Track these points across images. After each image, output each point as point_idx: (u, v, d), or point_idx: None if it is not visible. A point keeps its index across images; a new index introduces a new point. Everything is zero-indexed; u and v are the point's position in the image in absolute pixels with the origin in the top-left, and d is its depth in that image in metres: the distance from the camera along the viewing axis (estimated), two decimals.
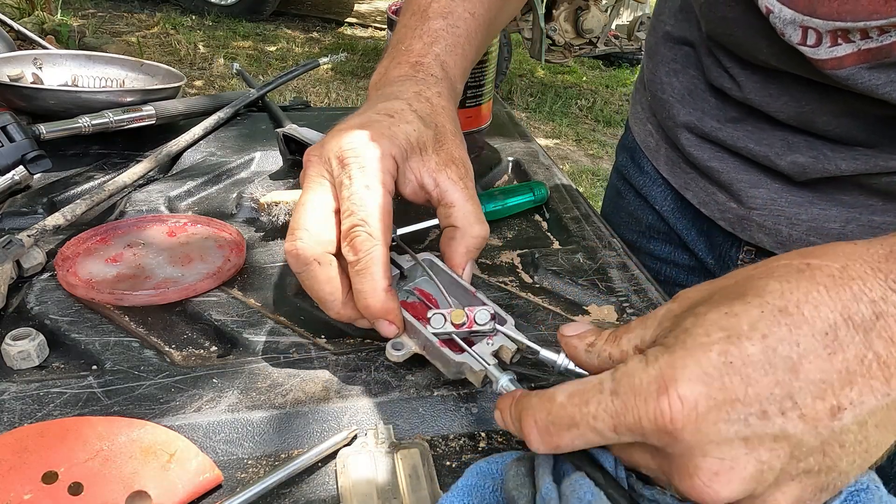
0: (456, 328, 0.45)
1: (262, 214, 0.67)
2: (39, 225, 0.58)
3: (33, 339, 0.48)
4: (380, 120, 0.49)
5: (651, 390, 0.30)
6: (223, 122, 0.87)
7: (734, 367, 0.30)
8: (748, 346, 0.30)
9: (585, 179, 3.44)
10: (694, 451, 0.30)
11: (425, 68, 0.56)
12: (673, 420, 0.30)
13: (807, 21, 0.50)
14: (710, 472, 0.30)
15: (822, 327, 0.29)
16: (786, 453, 0.30)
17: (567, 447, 0.34)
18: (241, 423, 0.44)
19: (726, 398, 0.30)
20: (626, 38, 4.32)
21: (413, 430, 0.45)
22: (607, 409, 0.32)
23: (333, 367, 0.49)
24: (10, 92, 0.79)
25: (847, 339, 0.29)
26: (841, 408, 0.29)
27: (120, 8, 5.00)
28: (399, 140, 0.48)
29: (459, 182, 0.50)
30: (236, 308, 0.55)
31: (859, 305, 0.30)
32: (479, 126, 0.92)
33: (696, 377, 0.30)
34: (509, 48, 4.16)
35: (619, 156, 0.85)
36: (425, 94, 0.53)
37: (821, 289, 0.30)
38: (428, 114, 0.51)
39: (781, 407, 0.29)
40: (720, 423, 0.30)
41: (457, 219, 0.50)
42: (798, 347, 0.29)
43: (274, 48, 4.59)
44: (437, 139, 0.51)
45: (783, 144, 0.61)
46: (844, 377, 0.29)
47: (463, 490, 0.37)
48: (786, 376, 0.29)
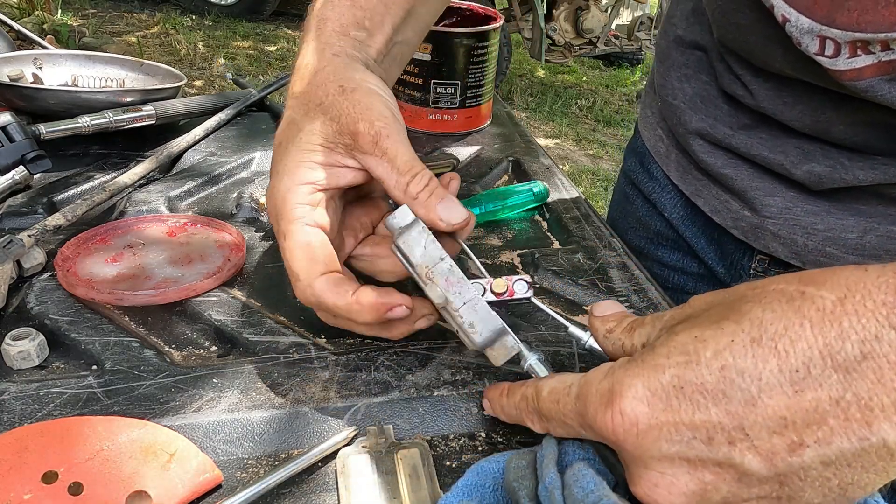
0: (497, 297, 0.44)
1: (262, 214, 0.67)
2: (39, 225, 0.58)
3: (33, 339, 0.48)
4: (276, 156, 0.48)
5: (601, 402, 0.33)
6: (224, 123, 0.87)
7: (684, 393, 0.30)
8: (705, 374, 0.30)
9: (585, 179, 3.44)
10: (637, 462, 0.32)
11: (302, 37, 0.52)
12: (615, 432, 0.32)
13: (825, 31, 0.48)
14: (650, 484, 0.32)
15: (794, 364, 0.28)
16: (732, 478, 0.30)
17: (556, 434, 0.37)
18: (241, 423, 0.44)
19: (669, 420, 0.30)
20: (626, 38, 4.32)
21: (413, 430, 0.45)
22: (573, 410, 0.35)
23: (333, 367, 0.49)
24: (10, 92, 0.79)
25: (821, 379, 0.28)
26: (802, 444, 0.28)
27: (120, 8, 5.00)
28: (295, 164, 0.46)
29: (375, 151, 0.45)
30: (236, 308, 0.55)
31: (844, 344, 0.28)
32: (479, 126, 0.92)
33: (640, 396, 0.31)
34: (509, 48, 4.16)
35: (628, 160, 0.83)
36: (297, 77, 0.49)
37: (805, 323, 0.29)
38: (308, 102, 0.47)
39: (730, 437, 0.29)
40: (661, 442, 0.31)
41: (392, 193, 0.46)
42: (760, 382, 0.29)
43: (274, 48, 4.59)
44: (330, 120, 0.46)
45: (798, 153, 0.59)
46: (811, 416, 0.28)
47: (464, 489, 0.37)
48: (740, 408, 0.29)
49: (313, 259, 0.45)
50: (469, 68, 0.85)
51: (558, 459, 0.36)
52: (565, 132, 4.06)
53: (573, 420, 0.35)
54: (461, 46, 0.84)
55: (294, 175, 0.46)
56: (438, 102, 0.87)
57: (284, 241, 0.45)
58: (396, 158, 0.45)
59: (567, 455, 0.36)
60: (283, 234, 0.45)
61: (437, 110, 0.88)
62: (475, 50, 0.85)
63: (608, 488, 0.32)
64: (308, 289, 0.44)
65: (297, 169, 0.46)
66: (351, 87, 0.47)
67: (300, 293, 0.45)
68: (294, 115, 0.48)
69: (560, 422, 0.36)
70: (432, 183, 0.46)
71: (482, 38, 0.85)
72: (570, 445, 0.37)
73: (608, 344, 0.40)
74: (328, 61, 0.49)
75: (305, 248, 0.45)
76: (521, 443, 0.45)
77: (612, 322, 0.40)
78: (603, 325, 0.41)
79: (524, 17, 4.00)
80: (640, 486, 0.32)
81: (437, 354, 0.51)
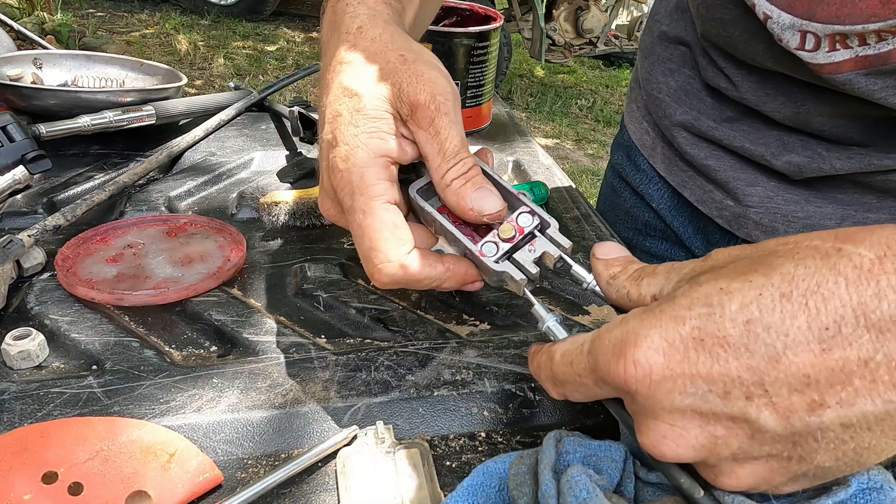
0: (510, 242, 0.44)
1: (262, 214, 0.67)
2: (39, 225, 0.58)
3: (33, 339, 0.48)
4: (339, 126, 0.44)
5: (614, 352, 0.32)
6: (224, 123, 0.87)
7: (704, 345, 0.29)
8: (728, 327, 0.29)
9: (585, 179, 3.43)
10: (647, 412, 0.31)
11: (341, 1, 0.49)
12: (627, 382, 0.31)
13: (805, 25, 0.50)
14: (658, 435, 0.31)
15: (824, 321, 0.27)
16: (745, 434, 0.29)
17: (573, 398, 0.37)
18: (241, 423, 0.44)
19: (685, 371, 0.29)
20: (626, 38, 4.32)
21: (413, 430, 0.45)
22: (586, 368, 0.34)
23: (333, 367, 0.49)
24: (10, 92, 0.79)
25: (852, 338, 0.27)
26: (823, 405, 0.28)
27: (120, 8, 5.00)
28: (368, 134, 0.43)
29: (429, 128, 0.44)
30: (236, 308, 0.55)
31: (881, 303, 0.27)
32: (479, 126, 0.92)
33: (656, 347, 0.30)
34: (509, 48, 4.16)
35: (615, 154, 0.85)
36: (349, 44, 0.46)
37: (840, 280, 0.28)
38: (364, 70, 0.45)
39: (748, 392, 0.29)
40: (674, 394, 0.30)
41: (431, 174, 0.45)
42: (786, 338, 0.28)
43: (273, 48, 4.58)
44: (392, 85, 0.44)
45: (779, 144, 0.61)
46: (836, 375, 0.27)
47: (469, 490, 0.37)
48: (762, 363, 0.28)
49: (401, 239, 0.43)
50: (469, 68, 0.85)
51: (558, 460, 0.36)
52: (565, 132, 4.05)
53: (587, 378, 0.34)
54: (461, 46, 0.84)
55: (369, 147, 0.43)
56: None
57: (364, 219, 0.42)
58: (446, 142, 0.44)
59: (567, 455, 0.36)
60: (361, 210, 0.42)
61: None
62: (475, 50, 0.85)
63: (601, 496, 0.32)
64: (399, 268, 0.42)
65: (370, 140, 0.43)
66: (412, 57, 0.45)
67: (386, 271, 0.42)
68: (349, 82, 0.45)
69: (574, 383, 0.35)
70: (471, 171, 0.44)
71: (482, 38, 0.85)
72: (570, 444, 0.37)
73: (611, 291, 0.38)
74: (383, 28, 0.47)
75: (392, 228, 0.43)
76: (521, 443, 0.45)
77: (617, 267, 0.39)
78: (606, 270, 0.39)
79: (524, 17, 4.00)
80: (647, 436, 0.31)
81: (437, 354, 0.51)
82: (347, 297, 0.57)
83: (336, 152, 0.43)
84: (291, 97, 1.04)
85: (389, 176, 0.44)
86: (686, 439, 0.30)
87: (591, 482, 0.33)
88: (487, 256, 0.43)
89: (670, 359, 0.30)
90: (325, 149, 0.45)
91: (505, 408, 0.47)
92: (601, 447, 0.37)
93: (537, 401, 0.48)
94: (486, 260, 0.43)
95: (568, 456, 0.36)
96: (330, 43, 0.48)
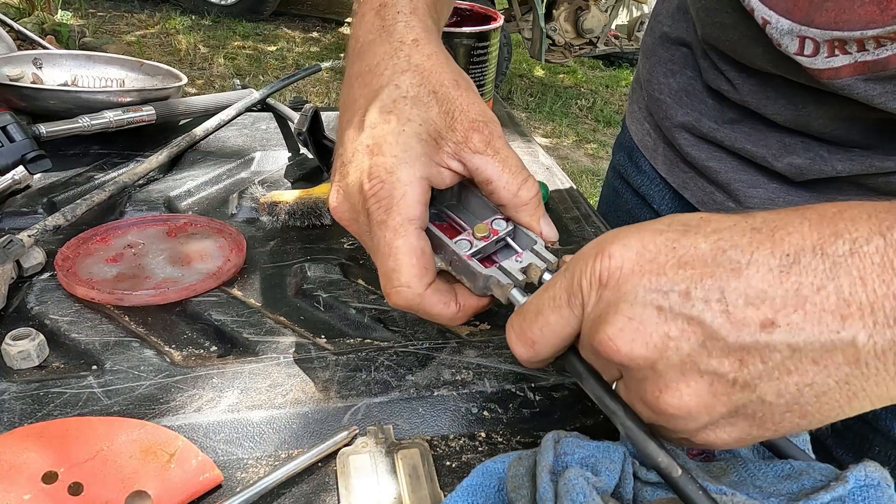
0: (484, 241, 0.44)
1: (262, 214, 0.67)
2: (39, 225, 0.58)
3: (33, 339, 0.48)
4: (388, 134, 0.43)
5: (591, 253, 0.33)
6: (224, 123, 0.87)
7: (675, 252, 0.31)
8: (699, 241, 0.31)
9: (585, 179, 3.43)
10: (610, 306, 0.32)
11: (390, 7, 0.48)
12: (600, 275, 0.33)
13: (804, 31, 0.50)
14: (616, 328, 0.32)
15: (785, 249, 0.30)
16: (696, 339, 0.30)
17: (541, 344, 0.36)
18: (241, 423, 0.44)
19: (653, 269, 0.31)
20: (626, 38, 4.32)
21: (413, 430, 0.45)
22: (562, 286, 0.35)
23: (333, 367, 0.49)
24: (10, 92, 0.79)
25: (809, 266, 0.29)
26: (774, 323, 0.29)
27: (120, 8, 5.00)
28: (416, 151, 0.42)
29: (487, 150, 0.44)
30: (236, 308, 0.55)
31: (836, 241, 0.29)
32: None
33: (631, 246, 0.32)
34: (509, 48, 4.16)
35: (616, 155, 0.85)
36: (404, 53, 0.46)
37: (804, 221, 0.30)
38: (421, 84, 0.44)
39: (707, 296, 0.30)
40: (639, 288, 0.31)
41: (500, 195, 0.45)
42: (750, 256, 0.30)
43: (273, 48, 4.58)
44: (444, 112, 0.44)
45: (780, 146, 0.61)
46: (791, 297, 0.29)
47: (468, 490, 0.37)
48: (724, 273, 0.30)
49: (426, 268, 0.42)
50: (469, 68, 0.85)
51: (556, 462, 0.36)
52: (565, 132, 4.05)
53: (562, 297, 0.35)
54: (461, 46, 0.84)
55: (415, 167, 0.42)
56: None
57: (395, 239, 0.41)
58: (509, 159, 0.44)
59: (565, 456, 0.36)
60: (393, 230, 0.41)
61: None
62: (475, 50, 0.85)
63: (598, 500, 0.32)
64: (417, 297, 0.41)
65: (418, 160, 0.42)
66: (465, 84, 0.45)
67: (404, 296, 0.41)
68: (405, 94, 0.44)
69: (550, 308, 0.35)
70: (539, 194, 0.45)
71: (482, 38, 0.85)
72: (568, 445, 0.37)
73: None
74: (437, 46, 0.46)
75: (420, 256, 0.41)
76: (521, 443, 0.45)
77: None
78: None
79: (524, 17, 4.00)
80: (604, 330, 0.32)
81: (437, 354, 0.51)
82: (347, 297, 0.57)
83: (380, 161, 0.42)
84: (291, 97, 1.04)
85: (426, 200, 0.43)
86: (641, 334, 0.31)
87: (588, 485, 0.33)
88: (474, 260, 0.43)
89: (642, 257, 0.32)
90: (363, 151, 0.43)
91: (505, 408, 0.47)
92: (599, 448, 0.37)
93: (537, 401, 0.48)
94: (474, 264, 0.43)
95: (566, 457, 0.36)
96: (377, 45, 0.47)
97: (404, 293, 0.41)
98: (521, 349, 0.37)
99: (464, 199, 0.48)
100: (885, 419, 0.59)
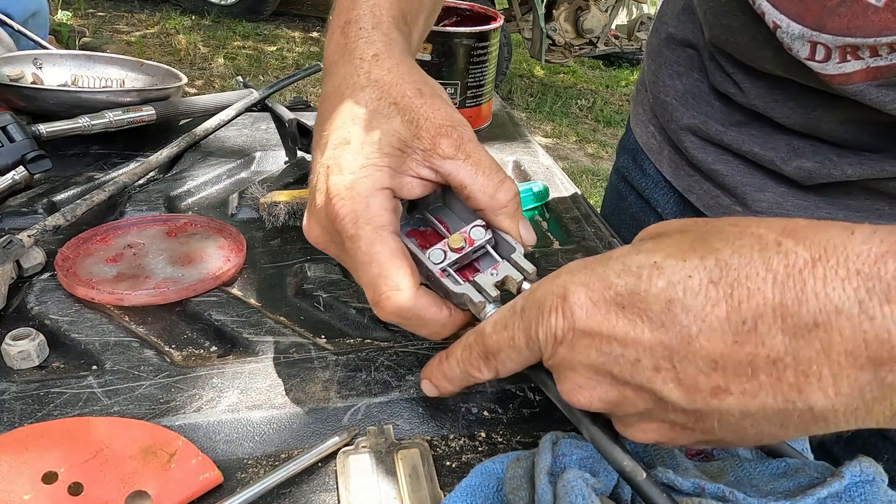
0: (458, 252, 0.43)
1: (262, 214, 0.67)
2: (39, 225, 0.58)
3: (33, 339, 0.48)
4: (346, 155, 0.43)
5: (545, 306, 0.33)
6: (224, 123, 0.87)
7: (624, 312, 0.31)
8: (650, 302, 0.30)
9: (585, 179, 3.43)
10: (566, 363, 0.34)
11: (353, 24, 0.48)
12: (555, 333, 0.33)
13: (815, 36, 0.49)
14: (574, 385, 0.34)
15: (743, 315, 0.28)
16: (651, 400, 0.31)
17: (506, 371, 0.38)
18: (241, 423, 0.44)
19: (602, 331, 0.31)
20: (626, 38, 4.32)
21: (413, 430, 0.45)
22: (519, 327, 0.35)
23: (333, 367, 0.49)
24: (10, 92, 0.79)
25: (767, 336, 0.27)
26: (727, 391, 0.29)
27: (120, 8, 5.00)
28: (375, 164, 0.42)
29: (458, 154, 0.43)
30: (236, 308, 0.55)
31: (801, 308, 0.27)
32: (479, 126, 0.92)
33: (581, 303, 0.32)
34: (509, 48, 4.16)
35: (620, 157, 0.84)
36: (363, 70, 0.45)
37: (769, 276, 0.28)
38: (381, 98, 0.44)
39: (656, 364, 0.30)
40: (591, 350, 0.32)
41: (476, 199, 0.44)
42: (703, 323, 0.29)
43: (273, 48, 4.58)
44: (408, 122, 0.43)
45: (789, 149, 0.60)
46: (743, 368, 0.28)
47: (467, 490, 0.37)
48: (674, 341, 0.29)
49: (411, 269, 0.41)
50: (469, 68, 0.85)
51: (555, 463, 0.36)
52: (565, 132, 4.05)
53: (520, 339, 0.35)
54: (461, 46, 0.84)
55: (375, 178, 0.42)
56: None
57: (373, 247, 0.41)
58: (482, 162, 0.43)
59: (564, 458, 0.36)
60: (368, 239, 0.41)
61: None
62: (475, 50, 0.85)
63: (597, 501, 0.32)
64: (409, 300, 0.40)
65: (377, 172, 0.42)
66: (428, 91, 0.45)
67: (395, 304, 0.40)
68: (362, 112, 0.44)
69: (508, 348, 0.36)
70: (517, 197, 0.44)
71: (482, 38, 0.85)
72: (566, 447, 0.37)
73: None
74: (399, 58, 0.46)
75: (403, 258, 0.41)
76: (521, 443, 0.45)
77: None
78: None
79: (524, 17, 4.00)
80: (565, 384, 0.34)
81: None
82: (347, 297, 0.57)
83: (338, 180, 0.42)
84: (292, 97, 1.04)
85: (395, 208, 0.43)
86: (597, 393, 0.33)
87: (587, 487, 0.33)
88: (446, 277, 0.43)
89: (591, 317, 0.32)
90: (323, 174, 0.43)
91: (505, 408, 0.47)
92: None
93: (537, 401, 0.48)
94: (446, 281, 0.42)
95: (564, 458, 0.36)
96: (339, 66, 0.47)
97: (395, 297, 0.40)
98: (487, 373, 0.39)
99: (448, 201, 0.47)
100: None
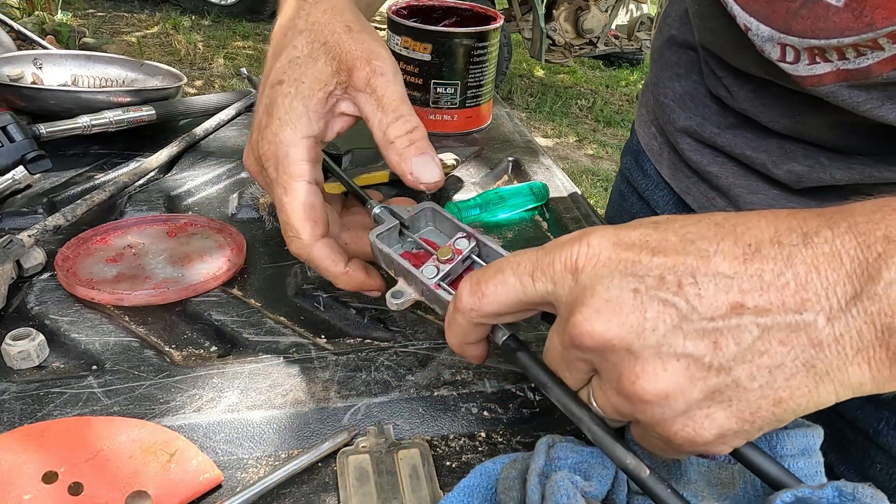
0: (448, 263, 0.44)
1: (262, 214, 0.67)
2: (39, 225, 0.58)
3: (33, 339, 0.48)
4: (277, 97, 0.47)
5: (570, 240, 0.35)
6: (224, 123, 0.87)
7: (647, 244, 0.33)
8: (669, 235, 0.33)
9: (585, 179, 3.43)
10: (586, 290, 0.33)
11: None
12: (576, 260, 0.34)
13: (783, 38, 0.49)
14: (592, 309, 0.32)
15: (747, 240, 0.32)
16: (672, 321, 0.31)
17: (489, 298, 0.36)
18: (241, 423, 0.44)
19: (629, 257, 0.33)
20: (626, 38, 4.32)
21: (413, 430, 0.45)
22: (531, 258, 0.36)
23: (333, 367, 0.49)
24: (10, 92, 0.79)
25: (769, 255, 0.31)
26: (743, 306, 0.31)
27: (120, 8, 5.00)
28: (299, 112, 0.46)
29: (366, 88, 0.45)
30: (236, 308, 0.55)
31: (791, 234, 0.32)
32: (479, 126, 0.92)
33: (608, 237, 0.34)
34: (509, 48, 4.16)
35: (624, 158, 0.84)
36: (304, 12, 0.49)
37: (761, 219, 0.33)
38: (314, 41, 0.47)
39: (680, 280, 0.31)
40: (615, 274, 0.33)
41: (374, 134, 0.46)
42: (717, 247, 0.32)
43: None
44: (331, 59, 0.46)
45: (780, 152, 0.60)
46: (756, 282, 0.31)
47: (465, 490, 0.37)
48: (695, 261, 0.32)
49: (316, 221, 0.46)
50: (469, 68, 0.85)
51: (548, 466, 0.36)
52: (565, 132, 4.05)
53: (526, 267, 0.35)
54: (461, 46, 0.84)
55: (297, 127, 0.46)
56: (438, 103, 0.87)
57: (286, 197, 0.46)
58: (384, 97, 0.45)
59: (558, 461, 0.36)
60: (283, 187, 0.46)
61: (437, 110, 0.87)
62: (475, 50, 0.85)
63: (581, 501, 0.32)
64: (307, 248, 0.47)
65: (300, 120, 0.46)
66: (357, 28, 0.47)
67: (296, 248, 0.47)
68: (298, 54, 0.47)
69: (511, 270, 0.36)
70: (416, 132, 0.45)
71: (482, 38, 0.85)
72: (562, 450, 0.37)
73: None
74: (335, 1, 0.49)
75: (310, 209, 0.46)
76: (521, 443, 0.45)
77: None
78: None
79: (524, 17, 4.00)
80: (581, 312, 0.33)
81: (437, 354, 0.51)
82: (347, 297, 0.57)
83: (268, 123, 0.46)
84: None
85: (314, 157, 0.46)
86: (617, 314, 0.32)
87: (573, 487, 0.33)
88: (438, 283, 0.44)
89: (617, 249, 0.33)
90: (262, 113, 0.47)
91: (505, 408, 0.47)
92: (593, 454, 0.37)
93: (537, 401, 0.48)
94: (441, 292, 0.43)
95: (559, 461, 0.36)
96: (287, 6, 0.50)
97: (295, 242, 0.47)
98: (469, 297, 0.37)
99: (437, 222, 0.49)
100: (885, 434, 0.59)
